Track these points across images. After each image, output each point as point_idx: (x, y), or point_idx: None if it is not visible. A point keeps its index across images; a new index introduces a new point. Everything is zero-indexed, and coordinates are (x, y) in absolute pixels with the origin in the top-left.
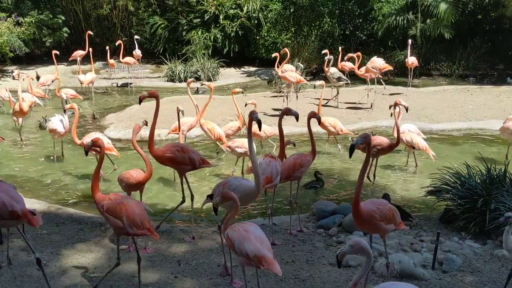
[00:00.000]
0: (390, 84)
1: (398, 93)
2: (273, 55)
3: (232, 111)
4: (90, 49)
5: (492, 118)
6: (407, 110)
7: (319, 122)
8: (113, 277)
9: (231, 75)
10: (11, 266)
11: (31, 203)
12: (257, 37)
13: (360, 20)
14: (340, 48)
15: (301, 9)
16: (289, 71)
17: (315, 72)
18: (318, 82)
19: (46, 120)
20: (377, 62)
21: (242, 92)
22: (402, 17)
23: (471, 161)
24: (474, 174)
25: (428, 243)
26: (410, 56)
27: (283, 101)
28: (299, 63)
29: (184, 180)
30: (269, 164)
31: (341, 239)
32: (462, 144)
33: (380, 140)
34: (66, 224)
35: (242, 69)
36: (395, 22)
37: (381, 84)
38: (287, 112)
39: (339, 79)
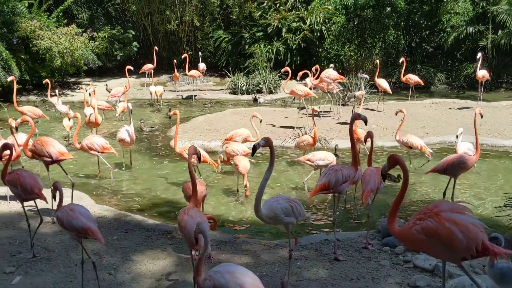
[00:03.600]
0: (459, 98)
1: (467, 107)
2: (283, 69)
3: (292, 123)
4: (151, 72)
5: None
6: (481, 116)
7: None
8: (180, 287)
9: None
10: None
11: (102, 210)
12: (320, 50)
13: (427, 32)
14: (401, 59)
15: (365, 22)
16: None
17: None
18: (358, 93)
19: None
20: (331, 73)
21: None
22: (471, 28)
23: None
24: None
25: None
26: (480, 69)
27: (352, 112)
28: (363, 74)
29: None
30: (371, 175)
31: (408, 258)
32: None
33: (463, 158)
34: (134, 231)
35: (303, 81)
36: (464, 33)
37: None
38: (357, 117)
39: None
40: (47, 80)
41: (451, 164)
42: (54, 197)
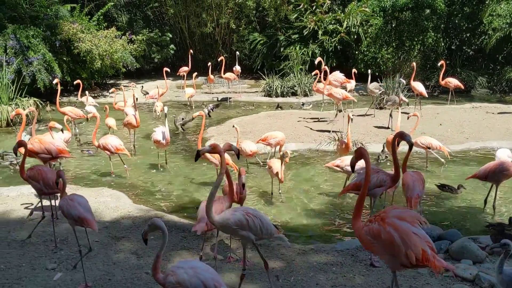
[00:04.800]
0: (501, 103)
1: (509, 112)
2: (313, 73)
3: (328, 126)
4: (194, 74)
5: None
6: None
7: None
8: None
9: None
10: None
11: (139, 210)
12: (356, 52)
13: (468, 35)
14: (440, 63)
15: (404, 24)
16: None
17: None
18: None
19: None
20: (338, 76)
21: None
22: None
23: None
24: None
25: None
26: None
27: (389, 117)
28: (401, 79)
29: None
30: (414, 180)
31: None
32: None
33: (506, 165)
34: (171, 232)
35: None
36: (506, 36)
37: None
38: (402, 136)
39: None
40: (79, 81)
41: (493, 170)
42: (57, 183)
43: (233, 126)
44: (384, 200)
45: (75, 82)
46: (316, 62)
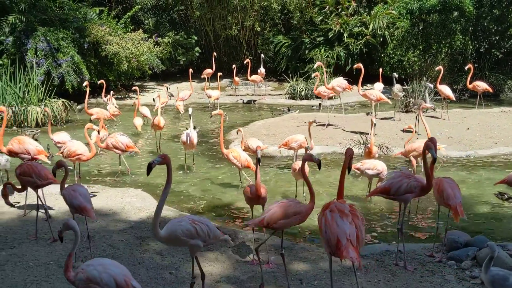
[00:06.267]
0: None
1: None
2: (313, 75)
3: (353, 129)
4: (219, 74)
5: None
6: None
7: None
8: None
9: (352, 94)
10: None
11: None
12: (382, 55)
13: (497, 37)
14: (467, 66)
15: (431, 26)
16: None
17: None
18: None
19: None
20: (341, 82)
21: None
22: None
23: None
24: None
25: None
26: None
27: (416, 121)
28: (427, 83)
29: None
30: (453, 187)
31: (475, 273)
32: None
33: None
34: None
35: (364, 87)
36: None
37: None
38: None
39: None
40: (102, 81)
41: None
42: (54, 173)
43: (237, 132)
44: (409, 207)
45: (99, 82)
46: (315, 67)
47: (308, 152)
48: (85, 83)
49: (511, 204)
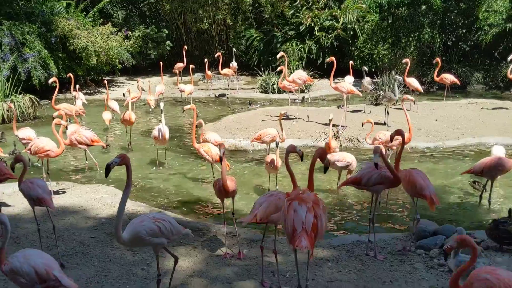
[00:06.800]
0: (496, 99)
1: (504, 108)
2: (278, 68)
3: (325, 121)
4: (191, 66)
5: None
6: None
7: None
8: (212, 284)
9: (324, 87)
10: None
11: (136, 206)
12: (353, 49)
13: (464, 31)
14: (435, 60)
15: (400, 20)
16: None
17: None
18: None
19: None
20: (302, 75)
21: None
22: (510, 26)
23: None
24: None
25: None
26: None
27: (385, 112)
28: (397, 76)
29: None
30: (424, 178)
31: (443, 261)
32: None
33: (502, 161)
34: None
35: (335, 80)
36: (502, 32)
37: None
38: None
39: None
40: (70, 74)
41: (488, 166)
42: (12, 168)
43: (197, 126)
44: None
45: (67, 75)
46: (277, 57)
47: (278, 143)
48: (52, 79)
49: (483, 193)
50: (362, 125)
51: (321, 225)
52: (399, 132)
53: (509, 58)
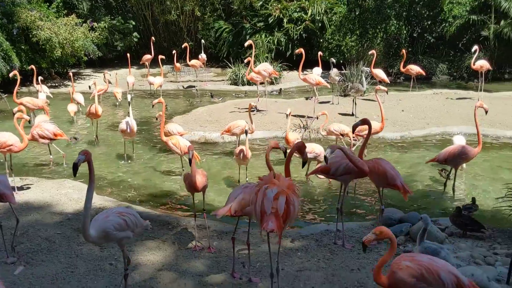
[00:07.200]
0: (460, 89)
1: (468, 98)
2: (245, 60)
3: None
4: (160, 57)
5: None
6: (486, 112)
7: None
8: (181, 277)
9: (293, 78)
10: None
11: (103, 200)
12: (321, 40)
13: (429, 22)
14: (401, 52)
15: (367, 12)
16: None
17: None
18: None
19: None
20: (267, 67)
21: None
22: (473, 18)
23: None
24: None
25: (503, 256)
26: (478, 59)
27: (353, 103)
28: (364, 67)
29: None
30: (392, 168)
31: (408, 248)
32: None
33: (465, 149)
34: None
35: (304, 72)
36: (465, 23)
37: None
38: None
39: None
40: (32, 66)
41: (452, 154)
42: None
43: (156, 118)
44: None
45: (29, 67)
46: (245, 45)
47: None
48: (13, 72)
49: (447, 181)
50: (317, 117)
51: (293, 210)
52: (365, 121)
53: (472, 49)
